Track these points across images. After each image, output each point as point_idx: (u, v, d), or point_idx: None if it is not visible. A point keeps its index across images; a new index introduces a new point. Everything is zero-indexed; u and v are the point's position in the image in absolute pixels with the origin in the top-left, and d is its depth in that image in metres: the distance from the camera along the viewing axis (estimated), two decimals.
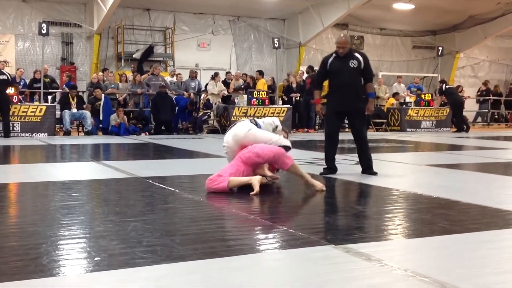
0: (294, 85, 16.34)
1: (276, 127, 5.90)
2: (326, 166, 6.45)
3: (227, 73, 18.13)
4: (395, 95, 18.22)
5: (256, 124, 5.69)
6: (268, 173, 5.30)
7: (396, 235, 3.57)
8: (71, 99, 13.49)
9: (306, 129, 16.13)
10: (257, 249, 3.16)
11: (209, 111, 15.30)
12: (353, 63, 6.28)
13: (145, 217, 3.96)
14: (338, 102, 6.38)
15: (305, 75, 17.06)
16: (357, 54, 6.36)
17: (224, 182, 5.01)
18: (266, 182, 5.30)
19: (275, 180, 5.47)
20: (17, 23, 18.51)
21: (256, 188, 4.90)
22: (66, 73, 17.28)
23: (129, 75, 16.31)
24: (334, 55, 6.42)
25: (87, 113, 13.46)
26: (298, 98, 16.08)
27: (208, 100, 15.16)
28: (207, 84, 16.67)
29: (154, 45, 19.68)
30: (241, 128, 5.57)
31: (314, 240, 3.29)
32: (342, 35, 6.56)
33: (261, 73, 16.94)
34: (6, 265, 2.74)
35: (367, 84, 6.47)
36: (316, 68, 18.34)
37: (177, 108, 14.43)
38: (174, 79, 16.32)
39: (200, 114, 14.75)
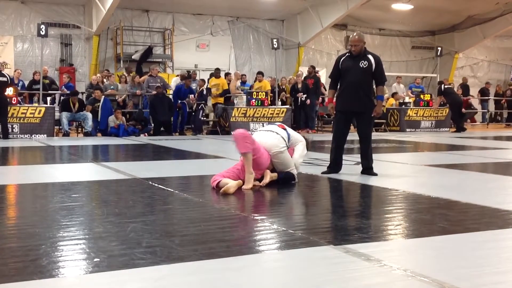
0: (299, 85, 16.27)
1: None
2: (329, 165, 6.48)
3: (226, 74, 18.12)
4: (393, 95, 18.21)
5: (287, 131, 5.69)
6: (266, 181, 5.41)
7: (396, 235, 3.57)
8: (71, 105, 13.41)
9: (307, 130, 16.12)
10: (256, 250, 3.16)
11: (202, 102, 14.98)
12: (363, 63, 6.23)
13: (145, 218, 3.96)
14: (345, 101, 6.36)
15: (304, 74, 16.96)
16: (369, 56, 6.29)
17: (216, 180, 5.16)
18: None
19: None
20: (16, 25, 18.53)
21: (248, 185, 5.07)
22: (65, 74, 17.28)
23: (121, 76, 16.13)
24: (347, 54, 6.41)
25: (89, 115, 13.41)
26: (303, 99, 15.99)
27: (203, 91, 14.98)
28: (208, 88, 16.61)
29: (153, 46, 19.70)
30: (275, 143, 5.51)
31: (314, 240, 3.29)
32: (355, 33, 6.46)
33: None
34: (6, 266, 2.74)
35: (378, 87, 6.43)
36: (318, 68, 18.36)
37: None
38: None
39: (194, 107, 14.54)
